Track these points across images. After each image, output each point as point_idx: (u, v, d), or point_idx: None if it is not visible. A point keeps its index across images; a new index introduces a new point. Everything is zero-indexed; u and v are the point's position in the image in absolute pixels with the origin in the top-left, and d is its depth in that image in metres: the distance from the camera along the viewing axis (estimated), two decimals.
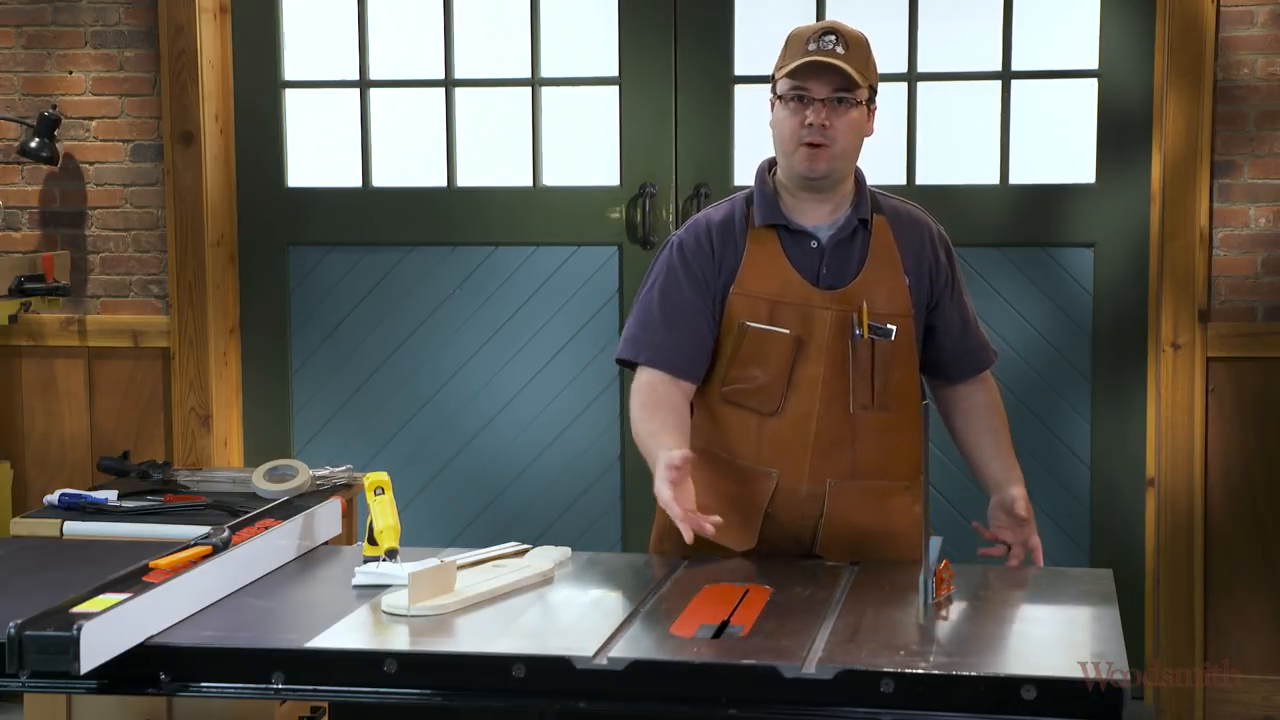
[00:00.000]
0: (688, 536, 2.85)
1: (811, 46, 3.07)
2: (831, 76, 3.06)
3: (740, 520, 3.12)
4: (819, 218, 3.15)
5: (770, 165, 3.21)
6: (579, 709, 2.43)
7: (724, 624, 2.60)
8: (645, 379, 3.15)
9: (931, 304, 3.20)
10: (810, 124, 3.06)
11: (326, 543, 3.22)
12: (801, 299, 3.10)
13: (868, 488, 3.15)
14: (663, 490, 2.88)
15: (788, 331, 3.09)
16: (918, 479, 3.18)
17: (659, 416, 3.08)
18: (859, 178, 3.20)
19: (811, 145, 3.06)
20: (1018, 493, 3.18)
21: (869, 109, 3.14)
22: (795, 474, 3.11)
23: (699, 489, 3.00)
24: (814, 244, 3.14)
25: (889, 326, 3.11)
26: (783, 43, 3.16)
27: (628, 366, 3.22)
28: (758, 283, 3.12)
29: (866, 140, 3.17)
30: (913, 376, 3.18)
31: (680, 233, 3.21)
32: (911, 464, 3.17)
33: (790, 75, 3.07)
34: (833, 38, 3.08)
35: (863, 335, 3.09)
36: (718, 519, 2.89)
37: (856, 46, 3.11)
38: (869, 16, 4.65)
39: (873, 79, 3.14)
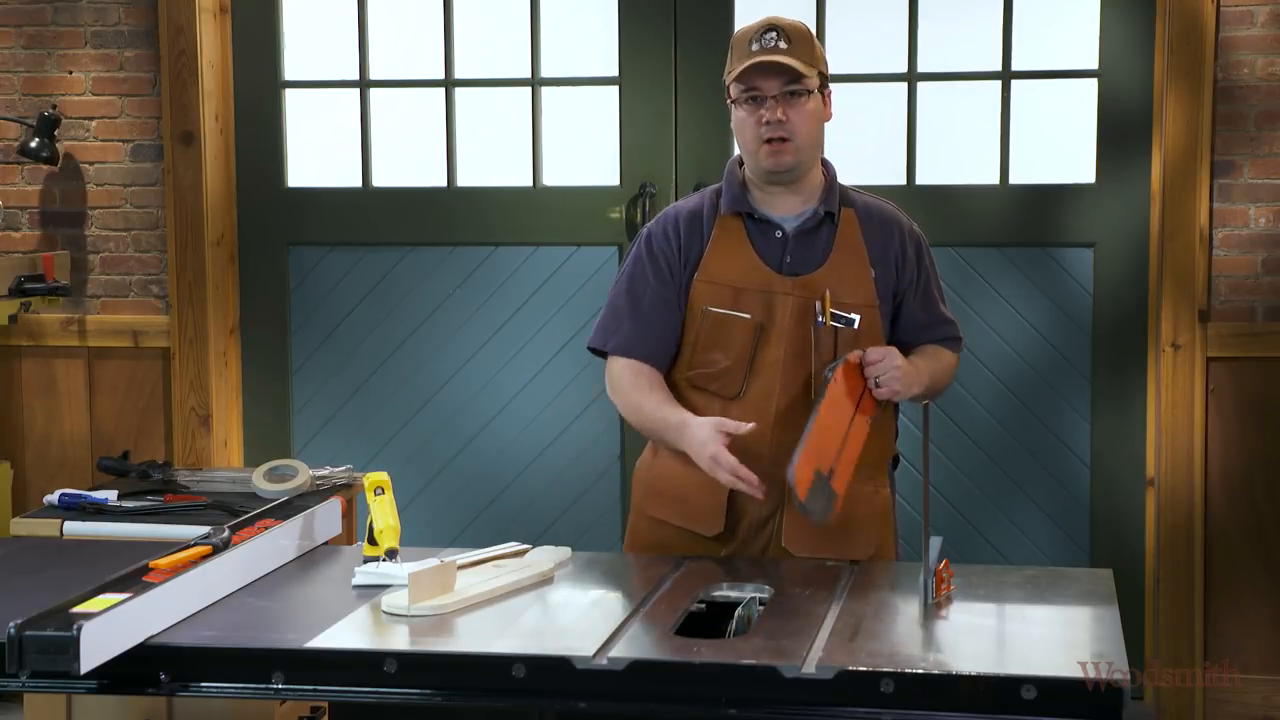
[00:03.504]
0: (759, 493, 3.03)
1: (754, 47, 3.15)
2: (778, 72, 3.13)
3: (706, 504, 3.18)
4: (785, 209, 3.22)
5: (740, 160, 3.28)
6: (579, 709, 2.43)
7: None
8: (619, 365, 3.25)
9: (897, 299, 3.24)
10: (768, 121, 3.13)
11: (326, 543, 3.22)
12: (763, 285, 3.17)
13: None
14: (720, 455, 3.01)
15: (749, 316, 3.15)
16: (882, 468, 3.25)
17: (657, 393, 3.20)
18: (829, 172, 3.27)
19: (772, 141, 3.13)
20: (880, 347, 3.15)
21: (823, 95, 3.21)
22: (756, 458, 3.09)
23: (666, 474, 3.20)
24: (779, 233, 3.21)
25: (852, 315, 3.15)
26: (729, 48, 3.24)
27: (598, 354, 3.32)
28: (721, 270, 3.19)
29: (866, 140, 3.19)
30: None
31: (651, 224, 3.31)
32: (876, 453, 3.20)
33: (739, 79, 3.16)
34: (774, 34, 3.15)
35: (825, 323, 3.13)
36: (756, 481, 3.02)
37: (799, 38, 3.17)
38: (869, 16, 4.67)
39: (820, 65, 3.20)
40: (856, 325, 3.14)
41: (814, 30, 4.56)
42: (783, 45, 3.13)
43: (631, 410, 3.24)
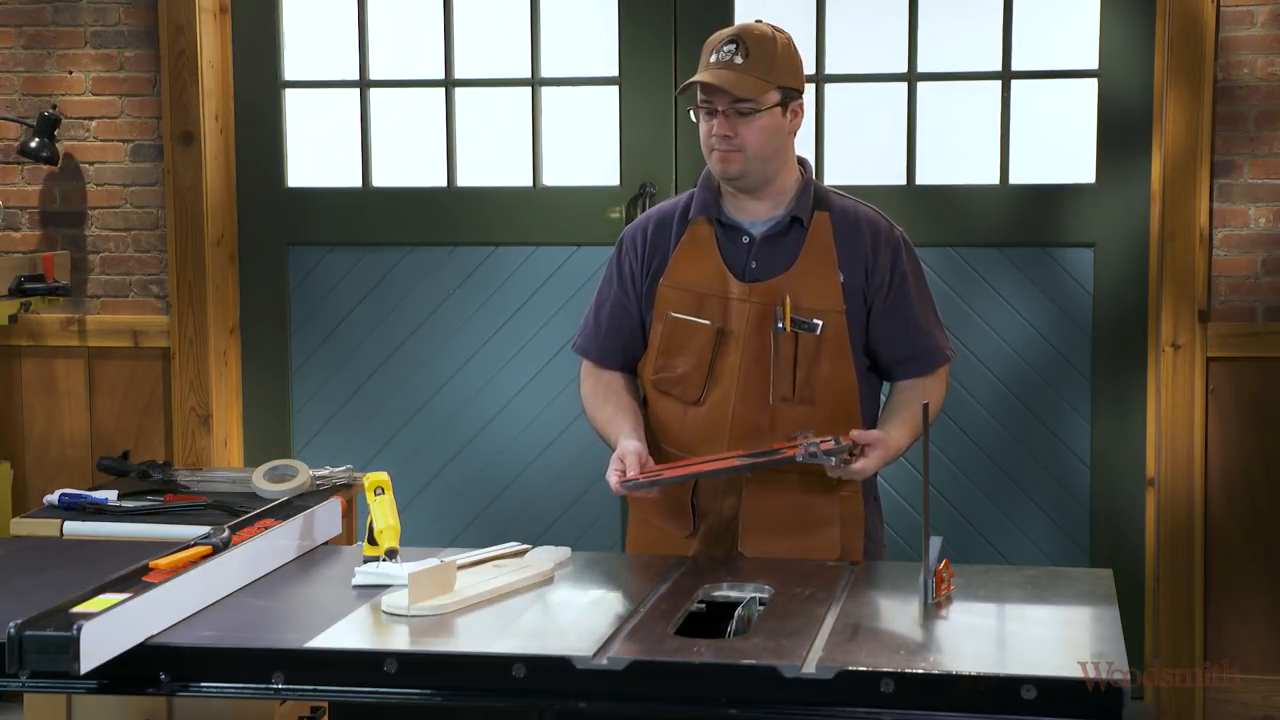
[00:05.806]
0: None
1: (713, 59, 3.14)
2: (723, 92, 3.11)
3: (673, 506, 3.23)
4: (754, 214, 3.22)
5: None
6: (579, 709, 2.43)
7: None
8: (588, 368, 3.37)
9: (868, 304, 3.21)
10: (715, 134, 3.14)
11: (326, 543, 3.22)
12: (723, 291, 3.18)
13: (786, 480, 3.16)
14: (611, 479, 3.10)
15: (708, 322, 3.17)
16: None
17: (610, 403, 3.29)
18: (805, 176, 3.24)
19: (719, 150, 3.14)
20: (874, 432, 3.12)
21: (786, 108, 3.16)
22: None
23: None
24: (745, 239, 3.21)
25: (814, 321, 3.14)
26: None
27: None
28: (686, 275, 3.21)
29: (866, 140, 3.18)
30: (844, 372, 3.18)
31: (627, 228, 3.34)
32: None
33: (689, 90, 3.17)
34: (733, 47, 3.12)
35: (785, 328, 3.12)
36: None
37: (760, 52, 3.12)
38: (869, 16, 4.67)
39: (781, 79, 3.14)
40: (819, 331, 3.13)
41: (814, 31, 4.61)
42: (738, 61, 3.10)
43: (590, 417, 3.36)
